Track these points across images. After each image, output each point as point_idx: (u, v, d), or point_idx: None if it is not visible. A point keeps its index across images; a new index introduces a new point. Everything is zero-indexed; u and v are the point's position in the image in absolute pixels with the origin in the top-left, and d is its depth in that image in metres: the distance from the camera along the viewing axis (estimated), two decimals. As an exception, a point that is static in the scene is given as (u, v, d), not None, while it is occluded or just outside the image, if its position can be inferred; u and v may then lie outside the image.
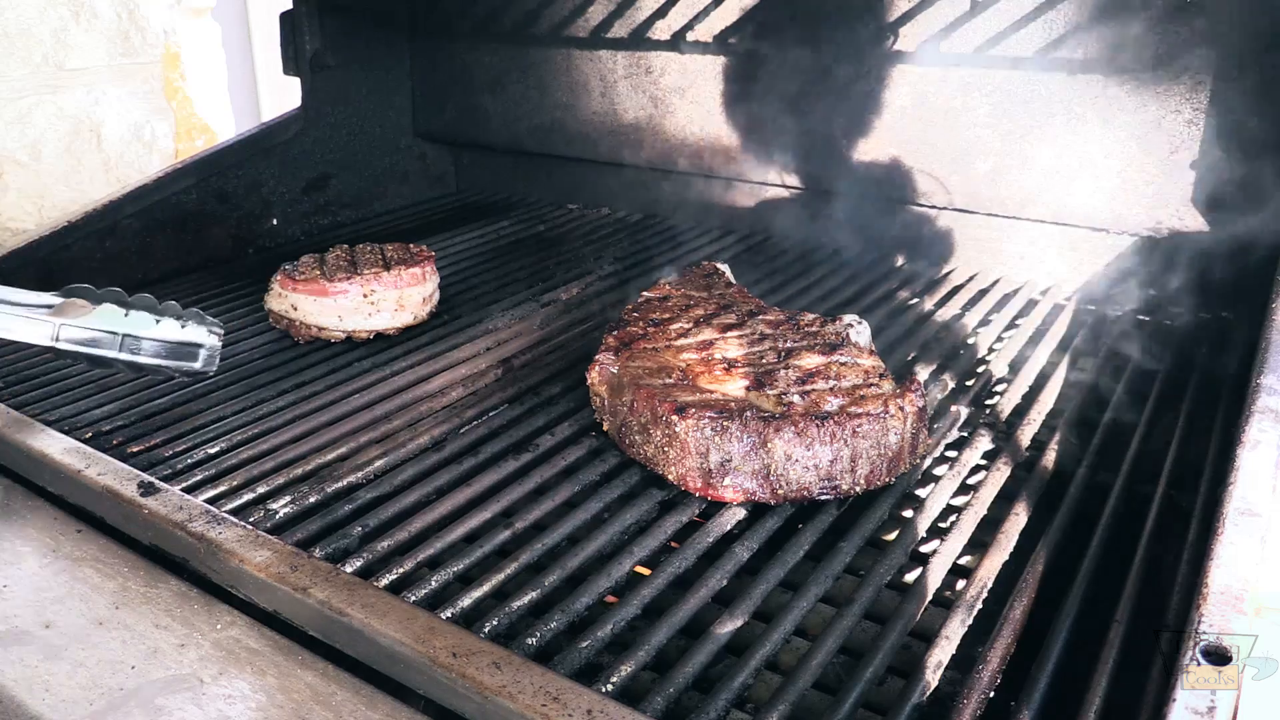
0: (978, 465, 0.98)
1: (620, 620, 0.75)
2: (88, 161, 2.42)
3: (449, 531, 0.85)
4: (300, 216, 1.83)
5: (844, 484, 0.88)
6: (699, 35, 1.65)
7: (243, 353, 1.27)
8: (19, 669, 0.72)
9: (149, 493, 0.87)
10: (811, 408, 0.89)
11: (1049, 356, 1.19)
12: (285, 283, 1.28)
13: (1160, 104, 1.28)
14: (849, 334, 1.04)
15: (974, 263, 1.50)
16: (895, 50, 1.46)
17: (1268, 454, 0.72)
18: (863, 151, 1.54)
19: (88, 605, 0.79)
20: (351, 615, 0.71)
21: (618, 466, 0.97)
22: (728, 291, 1.20)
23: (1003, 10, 1.36)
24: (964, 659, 0.71)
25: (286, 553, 0.78)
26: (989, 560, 0.81)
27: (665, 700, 0.67)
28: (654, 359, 1.00)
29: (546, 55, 1.84)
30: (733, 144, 1.68)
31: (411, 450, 1.00)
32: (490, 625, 0.73)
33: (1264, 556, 0.62)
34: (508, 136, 1.95)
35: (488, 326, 1.33)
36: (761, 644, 0.72)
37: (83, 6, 2.35)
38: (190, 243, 1.64)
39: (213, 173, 1.67)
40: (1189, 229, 1.30)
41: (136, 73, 2.49)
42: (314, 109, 1.82)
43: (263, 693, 0.70)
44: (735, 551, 0.83)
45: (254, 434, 1.04)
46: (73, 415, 1.08)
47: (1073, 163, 1.36)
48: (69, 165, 2.38)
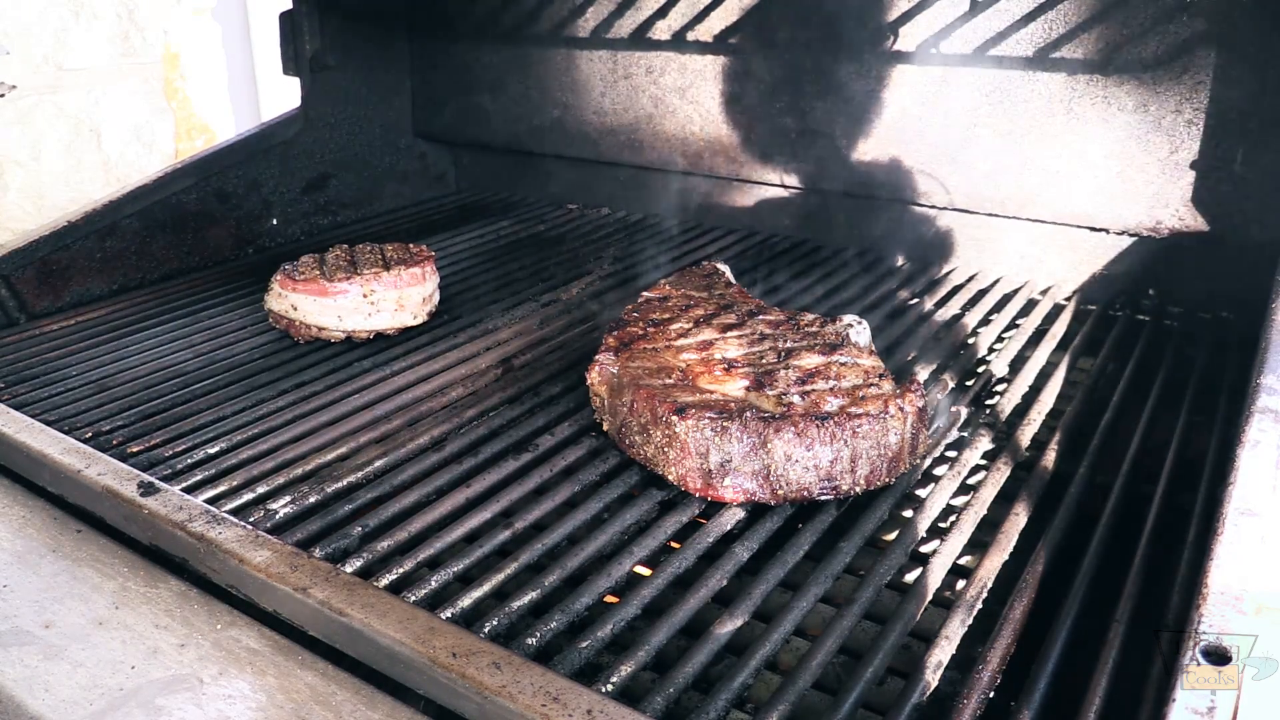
0: (978, 465, 0.98)
1: (620, 620, 0.75)
2: (88, 161, 2.42)
3: (449, 531, 0.85)
4: (300, 216, 1.83)
5: (844, 484, 0.88)
6: (699, 35, 1.65)
7: (243, 353, 1.27)
8: (19, 669, 0.72)
9: (149, 493, 0.87)
10: (811, 408, 0.89)
11: (1049, 356, 1.19)
12: (285, 283, 1.28)
13: (1160, 104, 1.28)
14: (849, 334, 1.04)
15: (974, 263, 1.50)
16: (895, 50, 1.46)
17: (1268, 454, 0.72)
18: (863, 151, 1.54)
19: (88, 605, 0.79)
20: (351, 615, 0.71)
21: (618, 466, 0.97)
22: (728, 291, 1.20)
23: (1002, 10, 1.36)
24: (964, 659, 0.71)
25: (286, 553, 0.78)
26: (989, 560, 0.81)
27: (665, 700, 0.67)
28: (654, 359, 1.00)
29: (546, 55, 1.84)
30: (733, 144, 1.68)
31: (411, 450, 1.00)
32: (490, 625, 0.73)
33: (1264, 556, 0.62)
34: (508, 136, 1.95)
35: (488, 326, 1.33)
36: (761, 644, 0.72)
37: (83, 6, 2.35)
38: (190, 243, 1.64)
39: (213, 173, 1.67)
40: (1189, 229, 1.30)
41: (136, 73, 2.49)
42: (314, 109, 1.82)
43: (263, 693, 0.70)
44: (735, 551, 0.83)
45: (254, 434, 1.04)
46: (73, 415, 1.08)
47: (1073, 163, 1.36)
48: (69, 165, 2.38)
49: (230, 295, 1.48)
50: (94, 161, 2.43)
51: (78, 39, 2.35)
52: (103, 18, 2.39)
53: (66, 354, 1.26)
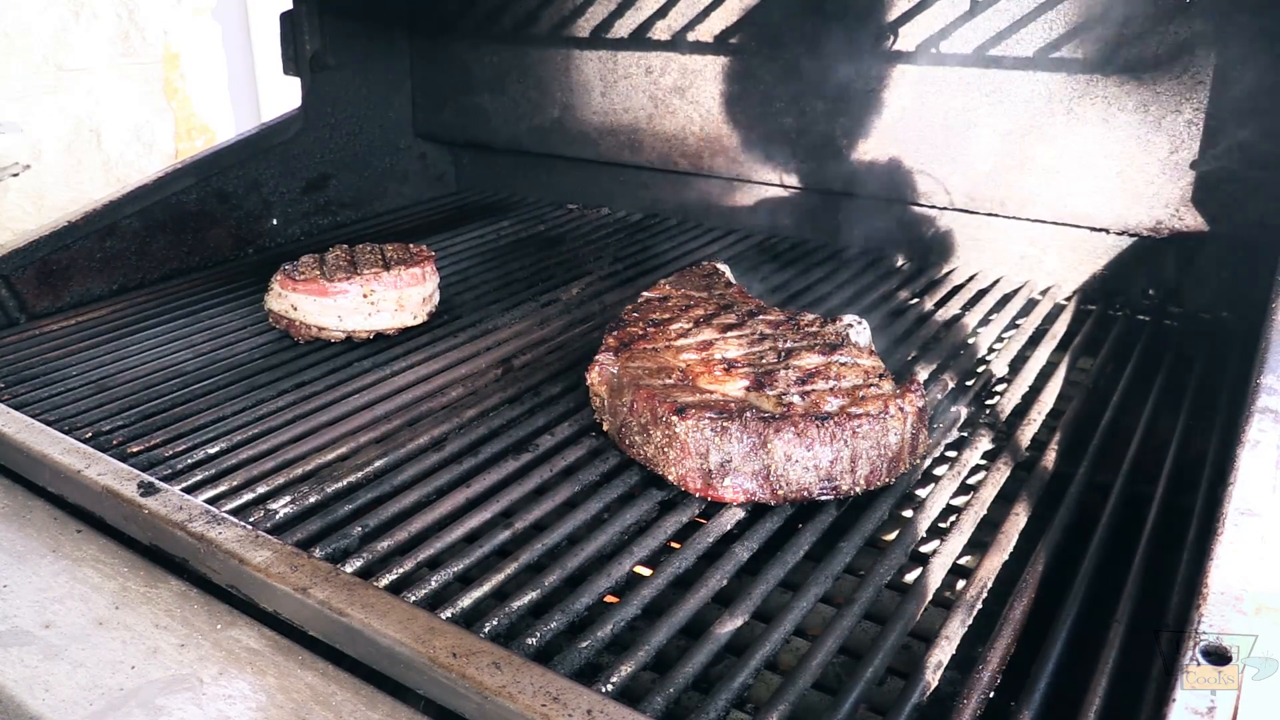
0: (978, 465, 0.98)
1: (620, 620, 0.75)
2: (88, 161, 2.42)
3: (449, 531, 0.85)
4: (300, 216, 1.83)
5: (844, 484, 0.88)
6: (699, 35, 1.65)
7: (243, 353, 1.27)
8: (19, 669, 0.72)
9: (149, 493, 0.86)
10: (811, 408, 0.89)
11: (1049, 356, 1.19)
12: (285, 283, 1.28)
13: (1160, 104, 1.28)
14: (849, 334, 1.04)
15: (974, 263, 1.50)
16: (895, 50, 1.46)
17: (1268, 454, 0.72)
18: (863, 151, 1.54)
19: (88, 605, 0.79)
20: (351, 615, 0.71)
21: (618, 466, 0.97)
22: (728, 291, 1.20)
23: (1002, 10, 1.36)
24: (964, 659, 0.71)
25: (286, 553, 0.78)
26: (989, 560, 0.81)
27: (665, 700, 0.67)
28: (654, 359, 1.00)
29: (546, 55, 1.84)
30: (733, 144, 1.68)
31: (411, 450, 1.00)
32: (490, 625, 0.73)
33: (1264, 556, 0.62)
34: (508, 136, 1.95)
35: (488, 326, 1.33)
36: (761, 644, 0.72)
37: (83, 6, 2.35)
38: (190, 243, 1.64)
39: (213, 173, 1.67)
40: (1189, 229, 1.30)
41: (136, 73, 2.49)
42: (314, 109, 1.82)
43: (263, 693, 0.70)
44: (735, 551, 0.83)
45: (254, 434, 1.04)
46: (73, 415, 1.08)
47: (1073, 163, 1.36)
48: (69, 165, 2.38)
49: (230, 295, 1.48)
50: (94, 161, 2.43)
51: (78, 39, 2.35)
52: (103, 18, 2.39)
53: (66, 354, 1.26)
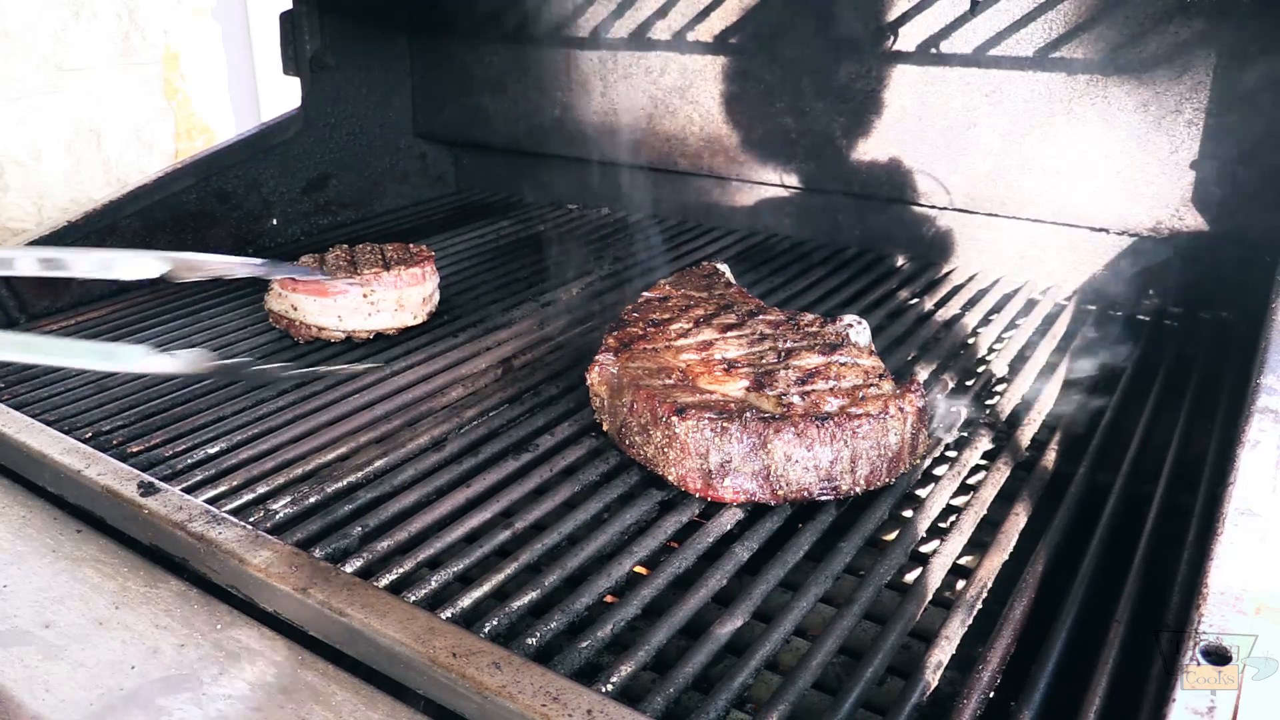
0: (978, 465, 0.98)
1: (620, 620, 0.75)
2: (88, 161, 2.42)
3: (449, 531, 0.85)
4: (300, 216, 1.83)
5: (844, 484, 0.88)
6: (699, 35, 1.65)
7: (243, 353, 1.27)
8: (19, 669, 0.72)
9: (149, 493, 0.86)
10: (811, 408, 0.89)
11: (1049, 356, 1.19)
12: (285, 283, 1.28)
13: (1160, 104, 1.28)
14: (849, 334, 1.04)
15: (974, 263, 1.50)
16: (895, 50, 1.46)
17: (1268, 454, 0.72)
18: (863, 151, 1.54)
19: (88, 605, 0.79)
20: (351, 615, 0.71)
21: (618, 466, 0.97)
22: (728, 292, 1.20)
23: (1003, 10, 1.36)
24: (964, 659, 0.71)
25: (286, 553, 0.78)
26: (989, 560, 0.81)
27: (665, 700, 0.67)
28: (654, 359, 1.00)
29: (546, 55, 1.84)
30: (733, 144, 1.68)
31: (411, 450, 1.00)
32: (490, 625, 0.73)
33: (1264, 556, 0.62)
34: (507, 136, 1.95)
35: (488, 326, 1.33)
36: (761, 644, 0.72)
37: (83, 6, 2.35)
38: (190, 243, 1.64)
39: (213, 173, 1.67)
40: (1189, 229, 1.30)
41: (136, 73, 2.49)
42: (314, 109, 1.82)
43: (263, 693, 0.70)
44: (735, 551, 0.83)
45: (254, 434, 1.04)
46: (73, 415, 1.08)
47: (1073, 163, 1.36)
48: (69, 165, 2.38)
49: (230, 295, 1.48)
50: (94, 161, 2.43)
51: (78, 39, 2.35)
52: (103, 18, 2.39)
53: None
